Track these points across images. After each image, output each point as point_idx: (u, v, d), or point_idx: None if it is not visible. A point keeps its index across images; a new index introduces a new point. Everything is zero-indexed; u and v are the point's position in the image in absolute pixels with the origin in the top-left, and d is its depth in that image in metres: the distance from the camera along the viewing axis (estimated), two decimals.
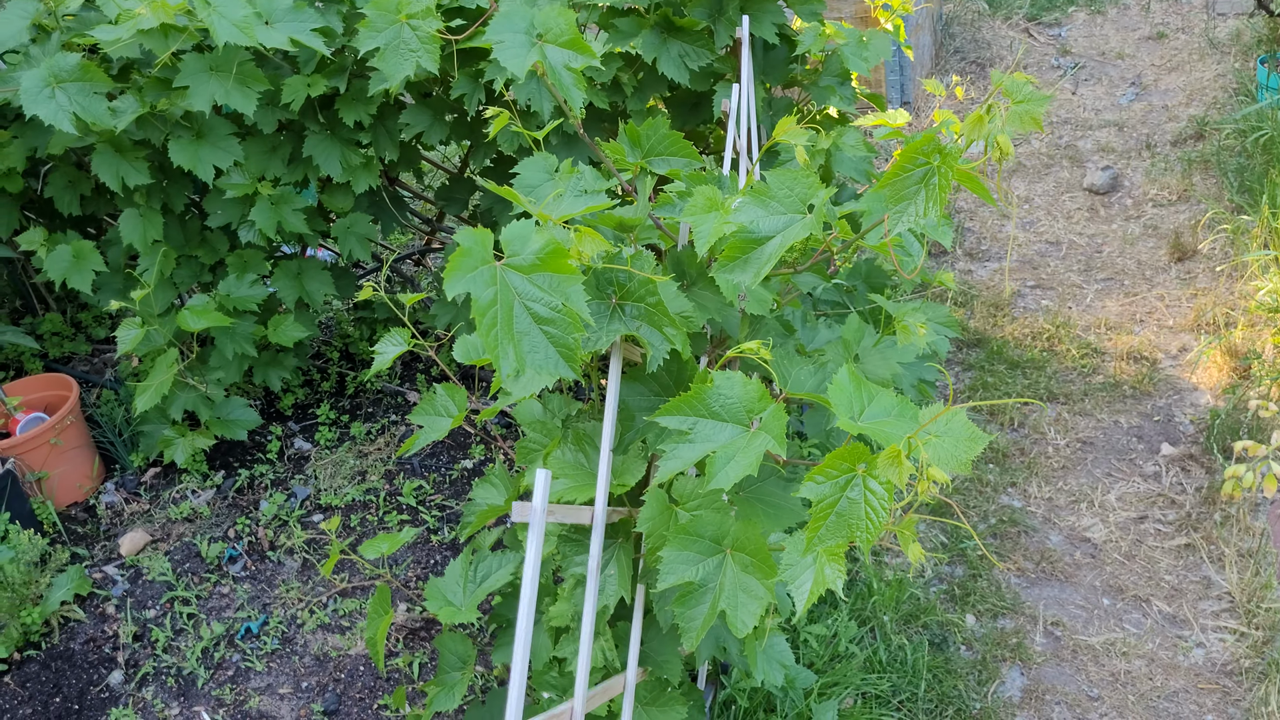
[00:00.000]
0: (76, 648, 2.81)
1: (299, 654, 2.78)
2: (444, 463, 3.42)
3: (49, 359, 3.79)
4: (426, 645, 2.79)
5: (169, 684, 2.71)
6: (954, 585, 3.02)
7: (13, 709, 2.65)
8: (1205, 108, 5.49)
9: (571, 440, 1.68)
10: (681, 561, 1.42)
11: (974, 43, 6.45)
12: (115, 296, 3.17)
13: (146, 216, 2.97)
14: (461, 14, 2.66)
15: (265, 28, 2.53)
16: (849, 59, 2.93)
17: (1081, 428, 3.62)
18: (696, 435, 1.36)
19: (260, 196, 2.96)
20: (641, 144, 1.81)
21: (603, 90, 2.85)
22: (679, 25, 2.74)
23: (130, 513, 3.27)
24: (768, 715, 2.50)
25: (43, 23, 2.70)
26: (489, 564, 2.08)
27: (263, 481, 3.36)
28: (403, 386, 3.74)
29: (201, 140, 2.81)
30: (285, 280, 3.22)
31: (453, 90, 2.76)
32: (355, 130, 2.95)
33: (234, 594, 2.96)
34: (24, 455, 3.11)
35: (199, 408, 3.20)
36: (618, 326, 1.46)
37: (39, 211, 3.38)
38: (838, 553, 1.24)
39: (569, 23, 1.70)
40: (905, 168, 1.20)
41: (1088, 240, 4.70)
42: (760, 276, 1.33)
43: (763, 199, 1.37)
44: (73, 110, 2.53)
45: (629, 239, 1.67)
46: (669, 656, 1.81)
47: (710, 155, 3.18)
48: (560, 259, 1.26)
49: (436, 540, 3.12)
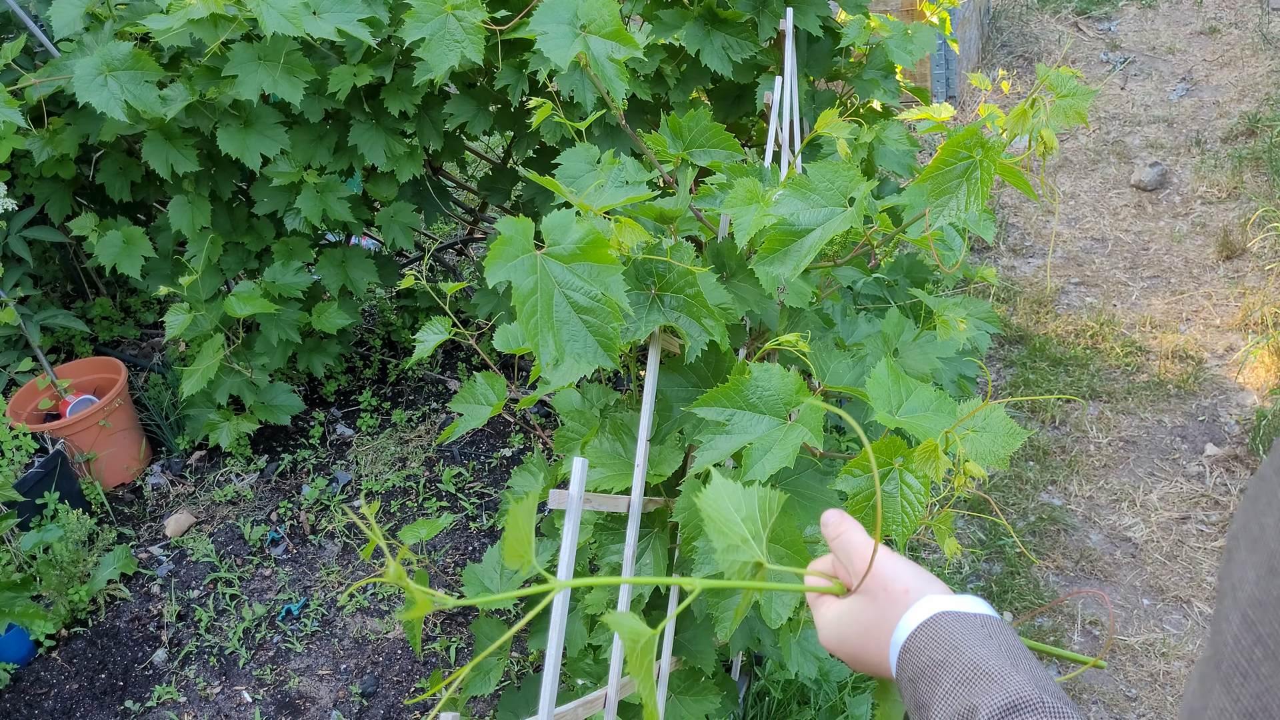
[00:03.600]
0: (122, 626, 2.86)
1: (338, 636, 2.82)
2: (483, 450, 3.45)
3: (98, 342, 3.86)
4: (463, 631, 2.82)
5: (211, 663, 2.76)
6: (991, 582, 3.00)
7: (60, 684, 2.71)
8: (1258, 104, 5.40)
9: (609, 430, 1.69)
10: None
11: (1021, 37, 6.38)
12: (164, 282, 3.22)
13: (195, 203, 3.02)
14: (506, 4, 2.68)
15: (312, 18, 2.55)
16: (893, 52, 2.91)
17: (1124, 426, 3.58)
18: (734, 427, 1.36)
19: (306, 185, 2.99)
20: (683, 136, 1.82)
21: (645, 82, 2.86)
22: (723, 17, 2.73)
23: (176, 494, 3.32)
24: (801, 708, 2.50)
25: (96, 11, 2.74)
26: None
27: (305, 466, 3.40)
28: (444, 374, 3.78)
29: (249, 129, 2.85)
30: (329, 268, 3.26)
31: (497, 81, 2.77)
32: (400, 120, 2.97)
33: (275, 576, 3.01)
34: (73, 436, 3.18)
35: (244, 392, 3.24)
36: (656, 317, 1.47)
37: (90, 198, 3.44)
38: None
39: (612, 14, 1.71)
40: (947, 161, 1.20)
41: (1134, 237, 4.65)
42: (799, 269, 1.33)
43: (803, 191, 1.37)
44: (124, 98, 2.57)
45: (669, 230, 1.68)
46: (703, 646, 1.81)
47: (752, 148, 3.18)
48: (600, 249, 1.27)
49: (475, 527, 3.14)
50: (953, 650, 0.81)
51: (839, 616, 0.93)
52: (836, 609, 0.94)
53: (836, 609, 0.94)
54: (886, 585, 0.90)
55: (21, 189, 3.18)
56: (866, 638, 0.90)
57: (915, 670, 0.82)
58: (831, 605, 0.95)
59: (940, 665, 0.80)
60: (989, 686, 0.77)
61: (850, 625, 0.92)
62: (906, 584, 0.90)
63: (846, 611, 0.93)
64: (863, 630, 0.91)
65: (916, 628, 0.85)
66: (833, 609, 0.95)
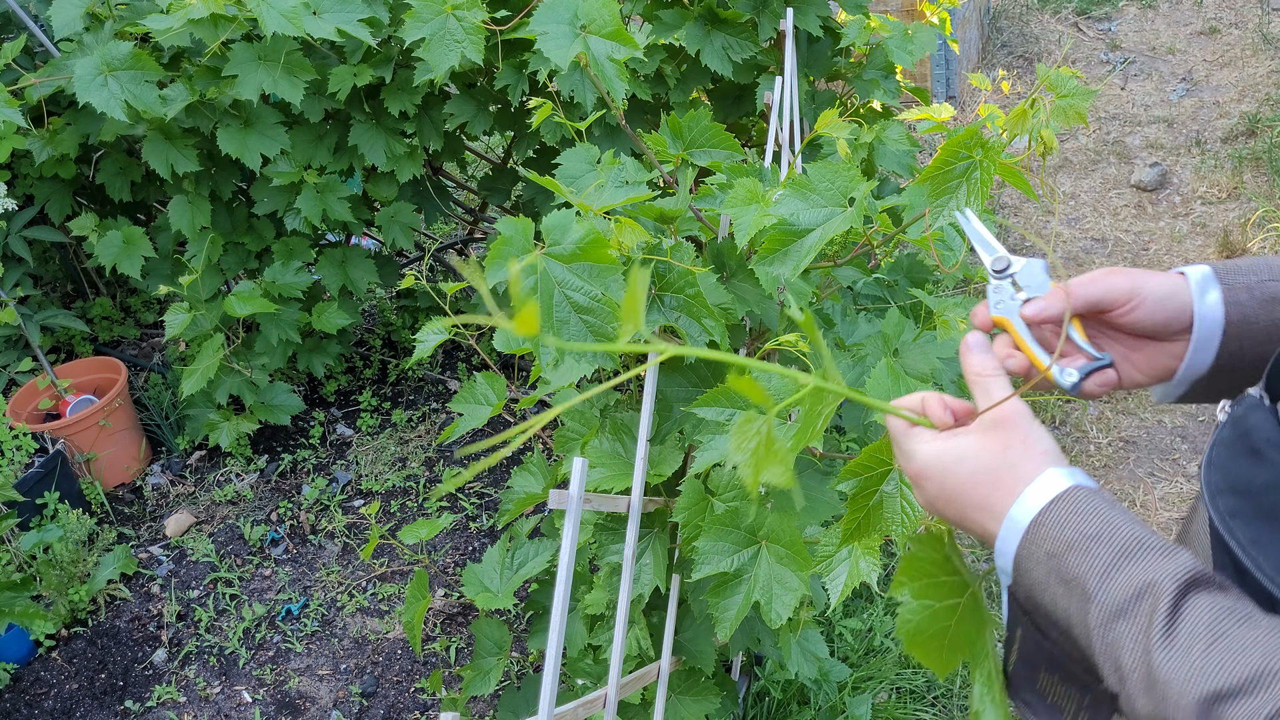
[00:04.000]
0: (122, 625, 2.87)
1: (338, 636, 2.82)
2: (483, 450, 3.45)
3: (98, 342, 3.86)
4: (463, 630, 2.82)
5: (211, 663, 2.76)
6: (992, 581, 3.00)
7: (60, 683, 2.71)
8: (1258, 104, 5.40)
9: (609, 430, 1.69)
10: (717, 552, 1.43)
11: (1021, 37, 6.39)
12: (164, 282, 3.22)
13: (195, 203, 3.02)
14: (506, 5, 2.68)
15: (313, 18, 2.56)
16: (894, 52, 2.91)
17: (1124, 426, 3.58)
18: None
19: (306, 185, 2.99)
20: (683, 136, 1.82)
21: (646, 82, 2.86)
22: (723, 17, 2.74)
23: (176, 494, 3.33)
24: (801, 708, 2.50)
25: (96, 11, 2.74)
26: (526, 551, 2.09)
27: (305, 466, 3.40)
28: (444, 374, 3.78)
29: (249, 129, 2.85)
30: (330, 268, 3.26)
31: (497, 81, 2.77)
32: (400, 120, 2.97)
33: (275, 576, 3.01)
34: (73, 436, 3.18)
35: (244, 392, 3.24)
36: (656, 317, 1.47)
37: (90, 197, 3.44)
38: (873, 546, 1.25)
39: (612, 14, 1.71)
40: (947, 161, 1.20)
41: (1134, 237, 4.65)
42: (799, 269, 1.33)
43: (803, 192, 1.37)
44: (124, 98, 2.57)
45: (669, 230, 1.68)
46: (703, 646, 1.81)
47: (752, 148, 3.18)
48: (600, 249, 1.27)
49: (475, 527, 3.14)
50: (1106, 524, 0.77)
51: (948, 449, 0.85)
52: (946, 442, 0.86)
53: (946, 442, 0.86)
54: (1025, 437, 0.83)
55: (21, 189, 3.18)
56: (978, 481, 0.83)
57: (1059, 543, 0.77)
58: (936, 438, 0.87)
59: (1094, 539, 0.76)
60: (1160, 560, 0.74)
61: (962, 462, 0.84)
62: (1045, 445, 0.83)
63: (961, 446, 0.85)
64: (976, 471, 0.83)
65: (1056, 497, 0.79)
66: (939, 441, 0.86)
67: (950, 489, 0.85)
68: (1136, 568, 0.74)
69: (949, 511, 0.86)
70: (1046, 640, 0.81)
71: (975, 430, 0.86)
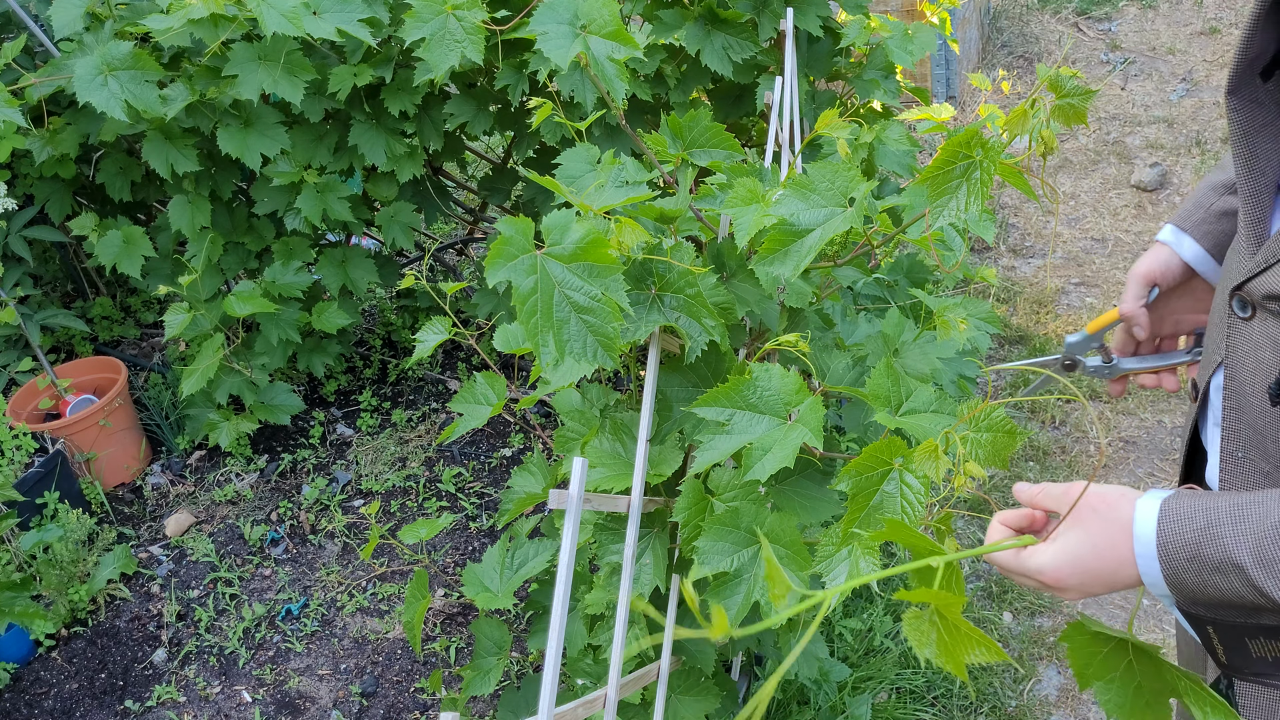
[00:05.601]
0: (122, 625, 2.87)
1: (338, 636, 2.82)
2: (483, 450, 3.45)
3: (99, 342, 3.86)
4: (463, 630, 2.82)
5: (211, 663, 2.76)
6: (991, 582, 3.00)
7: (60, 683, 2.71)
8: None
9: (609, 430, 1.68)
10: (717, 552, 1.42)
11: (1021, 37, 6.39)
12: (164, 282, 3.22)
13: (195, 203, 3.02)
14: (506, 5, 2.68)
15: (313, 18, 2.56)
16: (894, 52, 2.92)
17: (1124, 426, 3.58)
18: (734, 427, 1.36)
19: (306, 184, 2.99)
20: (683, 136, 1.82)
21: (646, 82, 2.86)
22: (723, 17, 2.74)
23: (175, 494, 3.33)
24: (801, 708, 2.50)
25: (96, 11, 2.74)
26: (526, 551, 2.09)
27: (305, 466, 3.40)
28: (444, 374, 3.78)
29: (249, 128, 2.85)
30: (330, 268, 3.26)
31: (497, 81, 2.77)
32: (400, 120, 2.97)
33: (275, 576, 3.01)
34: (73, 436, 3.18)
35: (244, 392, 3.24)
36: (656, 317, 1.47)
37: (90, 197, 3.44)
38: (872, 546, 1.24)
39: (613, 14, 1.71)
40: (947, 161, 1.20)
41: (1134, 238, 4.65)
42: (799, 270, 1.33)
43: (803, 192, 1.36)
44: (124, 98, 2.57)
45: (669, 230, 1.68)
46: (703, 646, 1.81)
47: (752, 148, 3.18)
48: (600, 249, 1.27)
49: (475, 527, 3.14)
50: (1206, 510, 0.88)
51: (1061, 549, 0.97)
52: (1054, 545, 0.98)
53: (1054, 545, 0.98)
54: (1101, 496, 0.96)
55: (22, 189, 3.18)
56: (1100, 552, 0.94)
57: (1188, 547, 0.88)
58: (1045, 548, 0.99)
59: (1208, 527, 0.87)
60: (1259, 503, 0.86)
61: (1079, 549, 0.96)
62: (1115, 493, 0.96)
63: (1068, 541, 0.97)
64: (1094, 548, 0.95)
65: (1159, 519, 0.91)
66: (1049, 548, 0.98)
67: (1086, 573, 0.96)
68: (1252, 522, 0.86)
69: (1098, 588, 0.97)
70: (1237, 619, 0.90)
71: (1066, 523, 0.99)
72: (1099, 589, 0.96)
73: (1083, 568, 0.95)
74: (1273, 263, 0.97)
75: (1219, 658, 0.95)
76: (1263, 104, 1.02)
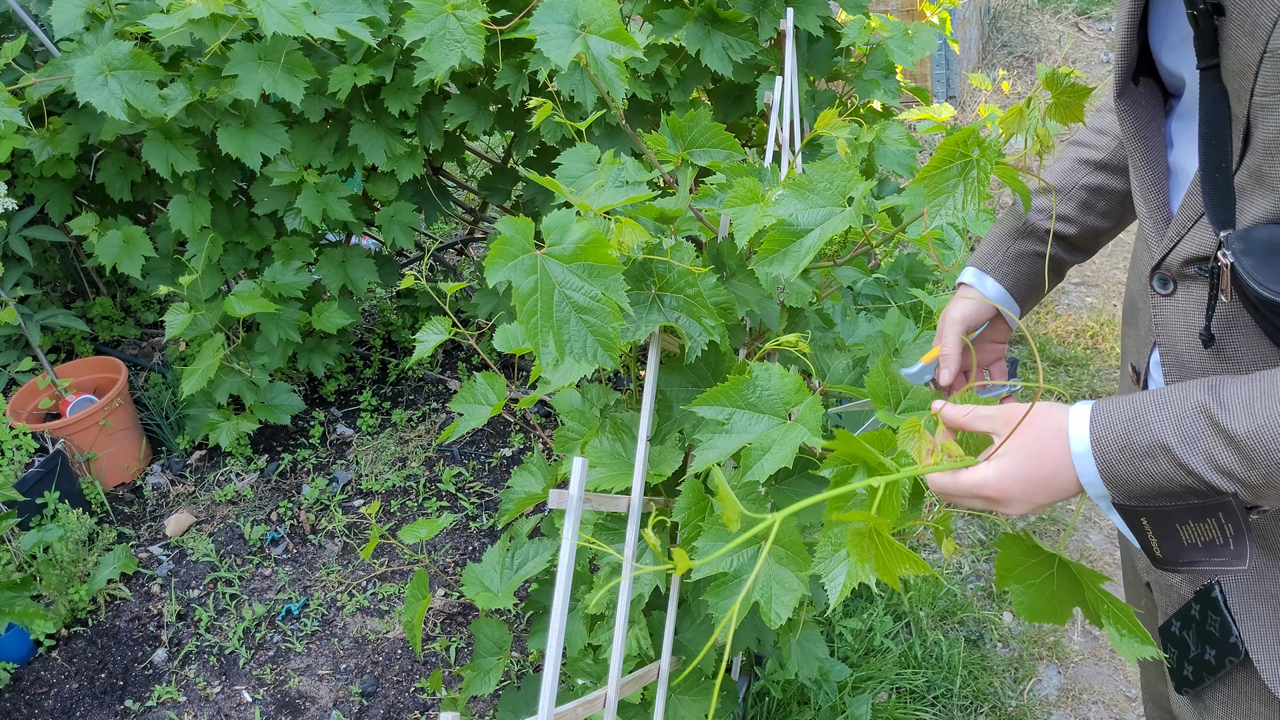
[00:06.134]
0: (122, 625, 2.87)
1: (338, 636, 2.82)
2: (483, 450, 3.45)
3: (99, 342, 3.86)
4: (463, 630, 2.82)
5: (211, 663, 2.76)
6: (990, 582, 3.00)
7: (60, 683, 2.71)
8: None
9: (609, 429, 1.68)
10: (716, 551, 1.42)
11: (1022, 37, 6.39)
12: (164, 281, 3.22)
13: (195, 203, 3.02)
14: (506, 4, 2.68)
15: (313, 18, 2.56)
16: (894, 52, 2.92)
17: None
18: (733, 426, 1.36)
19: (306, 184, 2.99)
20: (683, 135, 1.82)
21: (646, 82, 2.86)
22: (723, 17, 2.74)
23: (176, 494, 3.33)
24: (801, 708, 2.50)
25: (96, 11, 2.74)
26: (526, 551, 2.09)
27: (305, 466, 3.41)
28: (444, 374, 3.78)
29: (250, 128, 2.85)
30: (330, 268, 3.26)
31: (497, 81, 2.77)
32: (400, 120, 2.97)
33: (275, 576, 3.01)
34: (74, 436, 3.18)
35: (244, 392, 3.24)
36: (656, 317, 1.47)
37: (90, 197, 3.44)
38: None
39: (612, 13, 1.71)
40: (944, 161, 1.20)
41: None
42: (798, 269, 1.33)
43: (802, 192, 1.36)
44: (124, 98, 2.57)
45: (669, 230, 1.68)
46: (703, 646, 1.81)
47: (752, 148, 3.18)
48: (600, 248, 1.27)
49: (475, 527, 3.15)
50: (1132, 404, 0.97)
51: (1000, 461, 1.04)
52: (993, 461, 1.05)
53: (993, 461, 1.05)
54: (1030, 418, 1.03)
55: (22, 188, 3.18)
56: (1039, 455, 1.01)
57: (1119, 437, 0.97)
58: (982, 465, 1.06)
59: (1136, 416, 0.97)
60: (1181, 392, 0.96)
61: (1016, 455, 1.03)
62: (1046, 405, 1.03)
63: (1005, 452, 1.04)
64: (1033, 451, 1.02)
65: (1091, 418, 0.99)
66: (988, 464, 1.05)
67: (1027, 481, 1.02)
68: (1174, 406, 0.95)
69: (1040, 496, 1.03)
70: (1166, 506, 0.98)
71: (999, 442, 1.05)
72: (1042, 497, 1.03)
73: (1023, 475, 1.02)
74: (1184, 234, 1.05)
75: (1154, 552, 1.02)
76: (1142, 104, 1.12)
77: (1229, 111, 0.96)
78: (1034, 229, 1.41)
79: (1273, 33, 0.86)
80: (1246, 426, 0.89)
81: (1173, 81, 1.11)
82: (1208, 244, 1.02)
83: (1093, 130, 1.40)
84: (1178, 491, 0.96)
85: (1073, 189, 1.39)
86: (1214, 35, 0.93)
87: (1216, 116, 0.97)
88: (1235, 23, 0.90)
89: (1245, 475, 0.91)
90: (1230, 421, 0.90)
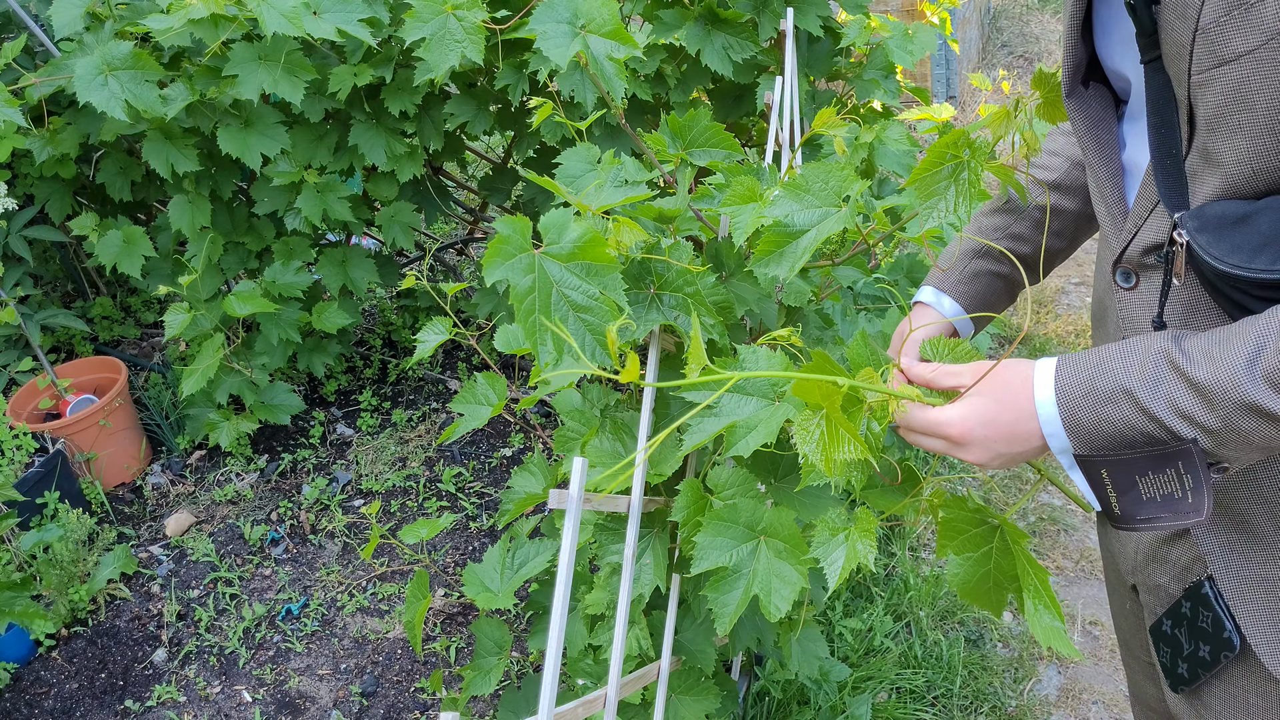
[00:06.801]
0: (122, 625, 2.87)
1: (338, 636, 2.82)
2: (483, 450, 3.45)
3: (99, 342, 3.86)
4: (463, 630, 2.82)
5: (211, 663, 2.76)
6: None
7: (60, 683, 2.71)
8: None
9: (609, 429, 1.69)
10: (715, 547, 1.42)
11: (1021, 37, 6.39)
12: (164, 281, 3.22)
13: (195, 203, 3.02)
14: (506, 4, 2.68)
15: (313, 18, 2.56)
16: (894, 52, 2.92)
17: None
18: (722, 409, 1.36)
19: (306, 184, 2.99)
20: (683, 135, 1.82)
21: (646, 82, 2.86)
22: (723, 17, 2.74)
23: (176, 494, 3.33)
24: (801, 708, 2.50)
25: (96, 11, 2.74)
26: (526, 551, 2.09)
27: (305, 466, 3.41)
28: (444, 374, 3.78)
29: (250, 128, 2.85)
30: (330, 268, 3.26)
31: (497, 81, 2.77)
32: (400, 120, 2.97)
33: (275, 576, 3.01)
34: (74, 436, 3.18)
35: (244, 392, 3.24)
36: (655, 316, 1.47)
37: (91, 197, 3.44)
38: (869, 529, 1.24)
39: (612, 13, 1.71)
40: (934, 163, 1.20)
41: None
42: (795, 269, 1.33)
43: (798, 192, 1.36)
44: (125, 98, 2.57)
45: (669, 230, 1.68)
46: (703, 646, 1.81)
47: (752, 148, 3.18)
48: (598, 247, 1.27)
49: (475, 527, 3.15)
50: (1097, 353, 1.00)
51: (965, 404, 1.07)
52: (959, 402, 1.07)
53: (959, 402, 1.07)
54: (999, 366, 1.06)
55: (22, 188, 3.19)
56: (1003, 401, 1.04)
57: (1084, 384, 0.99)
58: (949, 405, 1.08)
59: (1101, 363, 0.99)
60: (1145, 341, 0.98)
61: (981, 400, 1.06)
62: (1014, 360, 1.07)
63: (971, 397, 1.07)
64: (998, 398, 1.05)
65: (1057, 366, 1.02)
66: (955, 405, 1.08)
67: (990, 425, 1.05)
68: (1138, 354, 0.97)
69: (1001, 444, 1.05)
70: (1126, 455, 0.99)
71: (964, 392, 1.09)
72: (1002, 445, 1.05)
73: (987, 418, 1.04)
74: (1141, 224, 1.08)
75: (1113, 509, 1.04)
76: (1092, 104, 1.15)
77: (1174, 98, 0.99)
78: (988, 249, 1.44)
79: (1202, 10, 0.90)
80: (1206, 370, 0.92)
81: (1121, 84, 1.14)
82: (1165, 229, 1.05)
83: (1046, 152, 1.44)
84: (1139, 440, 0.98)
85: (1027, 208, 1.42)
86: (1153, 26, 0.96)
87: (1163, 104, 1.00)
88: (1169, 7, 0.94)
89: (1205, 420, 0.93)
90: (1191, 367, 0.93)
